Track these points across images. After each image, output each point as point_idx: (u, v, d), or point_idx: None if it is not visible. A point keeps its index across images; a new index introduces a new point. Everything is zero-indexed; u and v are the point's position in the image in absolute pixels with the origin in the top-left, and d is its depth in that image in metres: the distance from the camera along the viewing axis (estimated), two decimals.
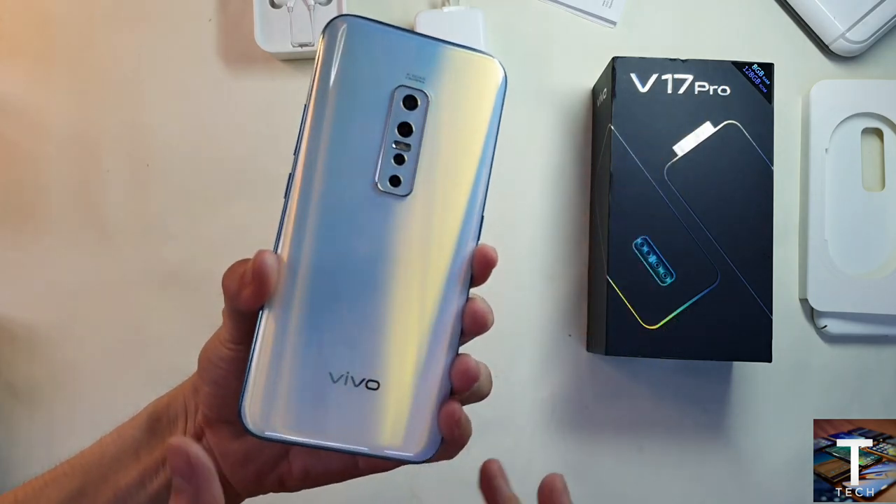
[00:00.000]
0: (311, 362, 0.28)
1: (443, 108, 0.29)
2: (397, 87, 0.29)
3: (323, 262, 0.28)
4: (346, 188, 0.29)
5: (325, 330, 0.28)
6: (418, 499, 0.59)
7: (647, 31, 0.61)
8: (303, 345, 0.28)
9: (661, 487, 0.59)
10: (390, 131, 0.29)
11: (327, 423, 0.28)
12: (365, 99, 0.29)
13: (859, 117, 0.60)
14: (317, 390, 0.28)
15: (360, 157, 0.29)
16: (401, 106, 0.29)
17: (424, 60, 0.29)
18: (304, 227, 0.28)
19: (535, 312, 0.60)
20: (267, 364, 0.27)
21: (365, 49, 0.29)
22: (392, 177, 0.29)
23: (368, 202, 0.29)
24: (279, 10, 0.59)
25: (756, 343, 0.52)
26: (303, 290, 0.28)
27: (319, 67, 0.29)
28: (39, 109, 0.61)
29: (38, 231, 0.61)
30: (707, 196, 0.53)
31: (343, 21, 0.29)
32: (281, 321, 0.28)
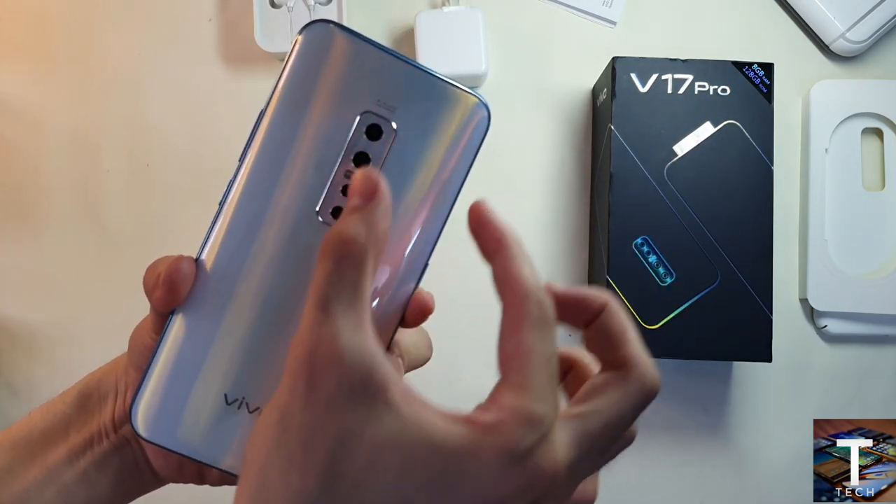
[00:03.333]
0: (209, 380, 0.27)
1: (409, 144, 0.27)
2: (363, 113, 0.26)
3: (243, 282, 0.27)
4: (285, 210, 0.26)
5: (229, 350, 0.27)
6: None
7: (647, 31, 0.61)
8: (204, 360, 0.27)
9: (661, 487, 0.59)
10: (345, 159, 0.26)
11: (212, 441, 0.27)
12: (327, 117, 0.26)
13: (859, 117, 0.60)
14: (209, 409, 0.27)
15: (307, 181, 0.26)
16: (362, 134, 0.26)
17: (400, 88, 0.26)
18: (232, 241, 0.27)
19: None
20: (166, 370, 0.27)
21: (339, 62, 0.26)
22: (336, 208, 0.26)
23: (305, 230, 0.26)
24: (279, 10, 0.59)
25: (756, 343, 0.52)
26: (215, 306, 0.27)
27: (286, 73, 0.26)
28: (39, 109, 0.61)
29: (38, 231, 0.61)
30: (707, 196, 0.53)
31: (322, 27, 0.26)
32: (188, 331, 0.27)
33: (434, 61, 0.57)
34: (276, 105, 0.26)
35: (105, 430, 0.31)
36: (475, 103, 0.28)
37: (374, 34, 0.61)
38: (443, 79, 0.27)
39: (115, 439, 0.31)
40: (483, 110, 0.28)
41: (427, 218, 0.28)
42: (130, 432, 0.31)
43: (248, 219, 0.27)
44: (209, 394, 0.27)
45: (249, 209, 0.27)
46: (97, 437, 0.31)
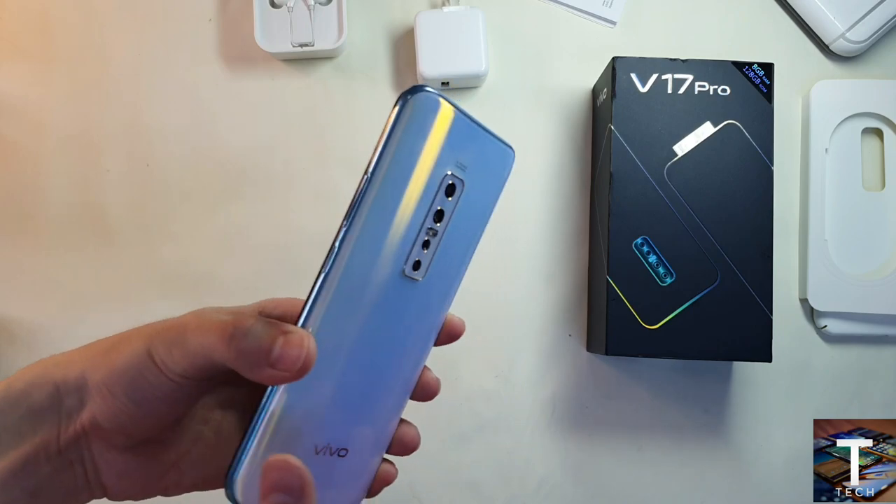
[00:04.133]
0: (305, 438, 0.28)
1: (469, 195, 0.30)
2: (446, 175, 0.29)
3: (341, 344, 0.28)
4: (379, 270, 0.28)
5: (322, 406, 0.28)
6: (418, 499, 0.59)
7: (647, 31, 0.61)
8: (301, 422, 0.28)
9: (661, 487, 0.59)
10: (429, 217, 0.29)
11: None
12: (420, 181, 0.28)
13: (859, 117, 0.60)
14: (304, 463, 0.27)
15: (401, 240, 0.28)
16: (444, 192, 0.29)
17: (470, 148, 0.29)
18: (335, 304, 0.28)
19: (535, 312, 0.60)
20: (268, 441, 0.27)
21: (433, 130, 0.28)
22: (416, 262, 0.29)
23: (392, 286, 0.29)
24: (279, 10, 0.59)
25: (756, 343, 0.52)
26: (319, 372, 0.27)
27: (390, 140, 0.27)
28: (39, 109, 0.61)
29: (38, 231, 0.61)
30: (707, 196, 0.53)
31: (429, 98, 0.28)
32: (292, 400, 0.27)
33: (434, 61, 0.57)
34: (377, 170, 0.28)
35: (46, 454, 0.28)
36: (509, 153, 0.31)
37: (374, 34, 0.61)
38: (493, 135, 0.30)
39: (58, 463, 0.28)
40: (512, 158, 0.31)
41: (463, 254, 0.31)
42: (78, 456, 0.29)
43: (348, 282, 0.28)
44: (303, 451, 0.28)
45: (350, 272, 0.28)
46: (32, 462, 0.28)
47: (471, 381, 0.59)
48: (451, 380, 0.59)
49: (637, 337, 0.53)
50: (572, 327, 0.60)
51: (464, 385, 0.59)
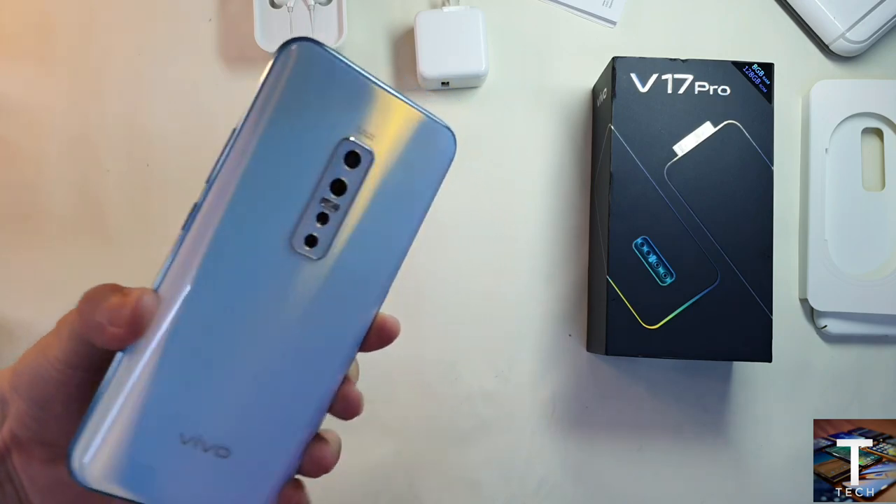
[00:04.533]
0: (164, 420, 0.25)
1: (384, 171, 0.27)
2: (344, 140, 0.26)
3: (205, 313, 0.25)
4: (255, 238, 0.25)
5: (186, 386, 0.25)
6: (418, 499, 0.59)
7: (647, 31, 0.61)
8: (159, 399, 0.25)
9: (661, 487, 0.59)
10: (323, 186, 0.26)
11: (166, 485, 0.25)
12: (305, 143, 0.25)
13: (859, 117, 0.60)
14: (163, 450, 0.25)
15: (281, 207, 0.26)
16: (342, 160, 0.26)
17: (381, 116, 0.26)
18: (196, 269, 0.25)
19: (535, 312, 0.60)
20: (114, 413, 0.24)
21: (321, 86, 0.25)
22: (309, 236, 0.26)
23: (276, 259, 0.26)
24: (279, 10, 0.59)
25: (756, 343, 0.52)
26: (175, 340, 0.25)
27: (264, 92, 0.25)
28: (39, 109, 0.61)
29: (38, 231, 0.60)
30: (707, 196, 0.53)
31: (306, 47, 0.25)
32: (141, 370, 0.25)
33: (434, 61, 0.57)
34: (250, 125, 0.25)
35: None
36: (446, 135, 0.28)
37: (374, 34, 0.61)
38: (420, 109, 0.27)
39: None
40: (451, 141, 0.28)
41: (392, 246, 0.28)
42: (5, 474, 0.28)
43: (214, 247, 0.25)
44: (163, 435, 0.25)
45: (216, 237, 0.25)
46: None
47: (471, 381, 0.59)
48: (451, 380, 0.59)
49: (637, 337, 0.53)
50: (572, 327, 0.60)
51: (464, 385, 0.59)
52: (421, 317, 0.59)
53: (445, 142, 0.28)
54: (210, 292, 0.25)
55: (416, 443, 0.59)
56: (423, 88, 0.60)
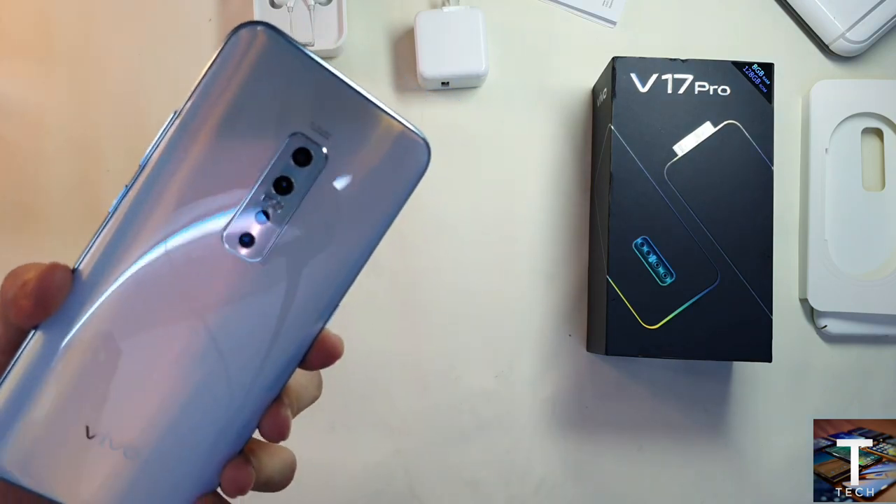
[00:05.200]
0: (70, 409, 0.24)
1: (340, 175, 0.24)
2: (293, 134, 0.24)
3: (124, 303, 0.24)
4: (185, 230, 0.23)
5: (97, 378, 0.24)
6: (418, 499, 0.59)
7: (647, 31, 0.61)
8: (68, 389, 0.23)
9: (661, 487, 0.59)
10: (265, 183, 0.24)
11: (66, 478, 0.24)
12: (250, 133, 0.23)
13: (859, 117, 0.60)
14: (66, 442, 0.24)
15: (217, 201, 0.24)
16: (289, 157, 0.24)
17: (339, 113, 0.24)
18: (119, 254, 0.23)
19: (535, 312, 0.60)
20: (19, 397, 0.23)
21: (273, 73, 0.23)
22: (245, 235, 0.24)
23: (206, 255, 0.24)
24: (279, 10, 0.59)
25: (756, 343, 0.52)
26: (89, 326, 0.23)
27: (210, 74, 0.23)
28: (39, 109, 0.61)
29: (38, 231, 0.60)
30: (707, 196, 0.53)
31: (259, 31, 0.23)
32: (52, 353, 0.23)
33: (434, 61, 0.57)
34: (191, 107, 0.23)
35: None
36: (417, 142, 0.25)
37: (374, 34, 0.61)
38: (387, 111, 0.24)
39: None
40: (424, 152, 0.25)
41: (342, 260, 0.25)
42: None
43: (140, 232, 0.23)
44: (68, 425, 0.24)
45: (144, 221, 0.23)
46: None
47: (471, 381, 0.59)
48: (451, 380, 0.59)
49: (637, 337, 0.53)
50: (572, 327, 0.60)
51: (464, 385, 0.59)
52: (421, 317, 0.59)
53: (417, 152, 0.25)
54: (131, 280, 0.24)
55: (416, 443, 0.59)
56: (423, 88, 0.60)
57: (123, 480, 0.24)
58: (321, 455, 0.59)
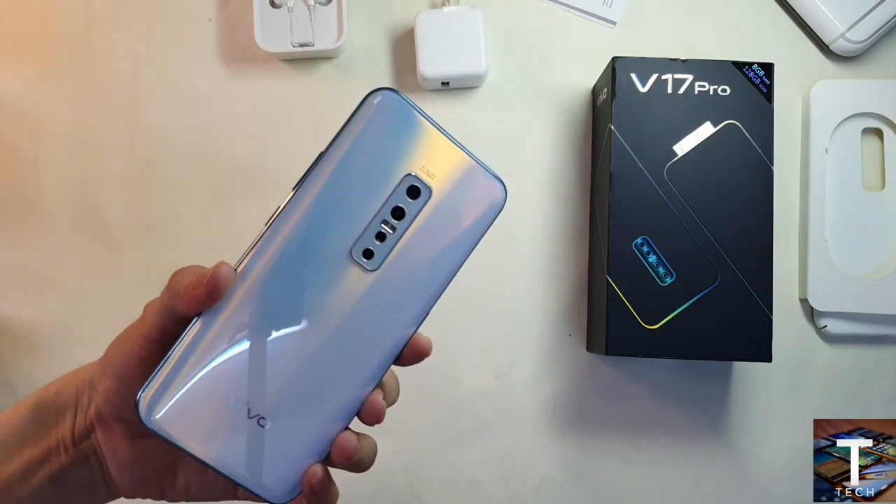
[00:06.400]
0: (221, 382, 0.29)
1: (440, 208, 0.31)
2: (408, 174, 0.31)
3: (271, 298, 0.30)
4: (323, 243, 0.30)
5: (245, 359, 0.29)
6: (418, 499, 0.59)
7: (647, 31, 0.61)
8: (220, 364, 0.29)
9: (661, 487, 0.59)
10: (385, 210, 0.31)
11: (210, 439, 0.29)
12: (376, 171, 0.30)
13: (859, 117, 0.60)
14: (214, 408, 0.29)
15: (349, 221, 0.30)
16: (404, 191, 0.31)
17: (442, 160, 0.31)
18: (269, 259, 0.30)
19: (535, 312, 0.60)
20: (181, 366, 0.29)
21: (395, 127, 0.31)
22: (367, 250, 0.30)
23: (337, 263, 0.30)
24: (279, 10, 0.59)
25: (756, 343, 0.52)
26: (242, 316, 0.30)
27: (349, 127, 0.30)
28: (39, 109, 0.61)
29: (38, 231, 0.61)
30: (707, 196, 0.53)
31: (390, 96, 0.30)
32: (211, 334, 0.29)
33: (434, 61, 0.57)
34: (335, 151, 0.30)
35: (63, 445, 0.31)
36: (499, 188, 0.32)
37: (375, 34, 0.61)
38: (478, 161, 0.32)
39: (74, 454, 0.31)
40: (502, 194, 0.32)
41: (436, 274, 0.31)
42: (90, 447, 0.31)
43: (288, 244, 0.30)
44: (218, 395, 0.29)
45: (290, 234, 0.30)
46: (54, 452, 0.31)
47: (471, 381, 0.59)
48: (451, 380, 0.59)
49: (637, 337, 0.53)
50: (572, 327, 0.60)
51: (464, 385, 0.59)
52: None
53: (497, 191, 0.32)
54: (278, 281, 0.30)
55: (416, 443, 0.59)
56: (423, 88, 0.60)
57: (255, 444, 0.30)
58: None
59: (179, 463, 0.32)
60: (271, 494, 0.30)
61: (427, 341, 0.32)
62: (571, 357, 0.60)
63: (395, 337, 0.31)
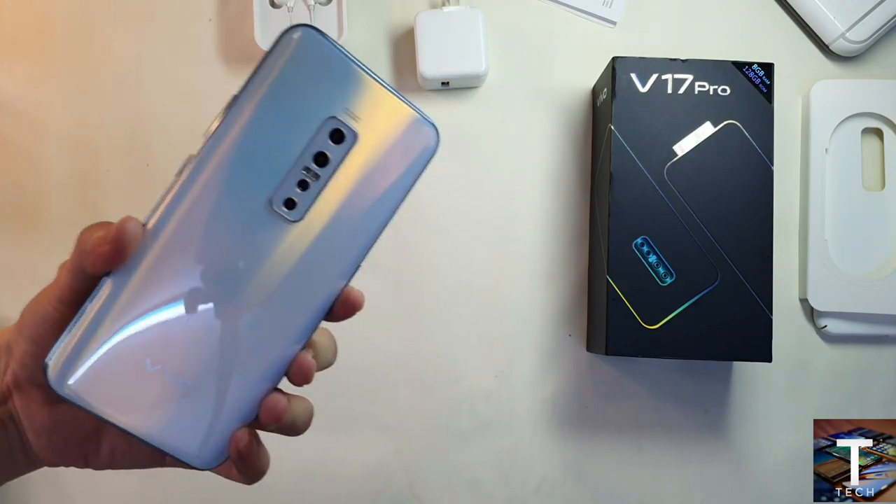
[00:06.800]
0: (135, 344, 0.27)
1: (367, 153, 0.29)
2: (330, 117, 0.28)
3: (185, 253, 0.28)
4: (240, 193, 0.28)
5: (158, 318, 0.28)
6: (418, 499, 0.59)
7: (647, 31, 0.61)
8: (133, 324, 0.27)
9: (661, 487, 0.59)
10: (306, 156, 0.28)
11: (127, 405, 0.28)
12: (295, 115, 0.28)
13: (859, 117, 0.60)
14: (129, 372, 0.27)
15: (266, 169, 0.28)
16: (326, 136, 0.28)
17: (369, 103, 0.29)
18: (181, 211, 0.28)
19: (535, 312, 0.60)
20: (91, 329, 0.27)
21: (316, 67, 0.28)
22: (288, 199, 0.28)
23: (256, 215, 0.28)
24: (279, 10, 0.59)
25: (756, 343, 0.52)
26: (154, 273, 0.28)
27: (265, 66, 0.28)
28: (39, 109, 0.61)
29: (38, 231, 0.61)
30: (707, 196, 0.53)
31: (304, 33, 0.28)
32: (121, 293, 0.27)
33: (434, 61, 0.57)
34: (249, 94, 0.28)
35: None
36: (429, 130, 0.30)
37: (375, 34, 0.61)
38: (408, 103, 0.30)
39: None
40: (434, 138, 0.30)
41: (366, 224, 0.29)
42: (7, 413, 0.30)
43: (201, 195, 0.28)
44: (132, 358, 0.27)
45: (205, 185, 0.28)
46: None
47: (471, 380, 0.59)
48: (451, 380, 0.59)
49: (637, 337, 0.53)
50: (572, 327, 0.60)
51: (464, 385, 0.59)
52: (421, 316, 0.59)
53: (429, 137, 0.30)
54: (192, 236, 0.28)
55: (416, 443, 0.59)
56: (423, 88, 0.60)
57: (177, 409, 0.28)
58: (321, 455, 0.59)
59: (102, 430, 0.31)
60: (197, 460, 0.29)
61: (359, 294, 0.30)
62: (571, 357, 0.60)
63: (323, 291, 0.29)
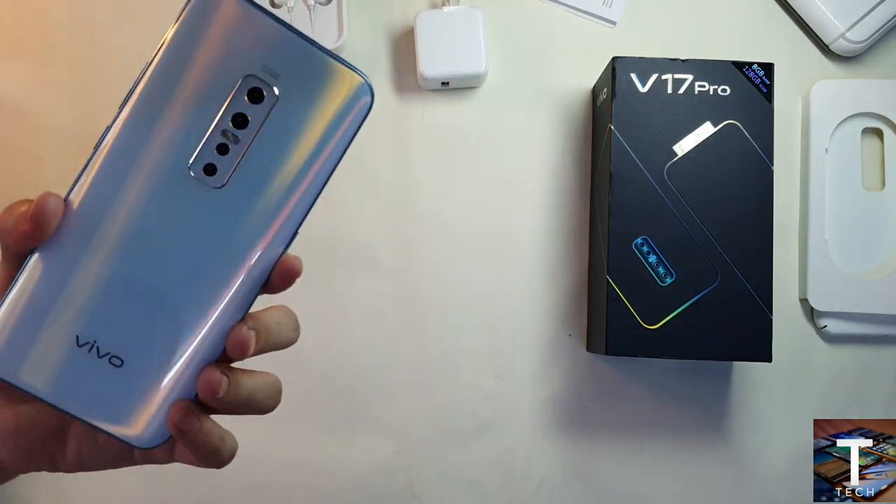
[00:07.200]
0: (62, 320, 0.27)
1: (291, 111, 0.27)
2: (247, 76, 0.27)
3: (108, 227, 0.27)
4: (157, 161, 0.27)
5: (86, 293, 0.27)
6: (418, 499, 0.59)
7: (647, 31, 0.61)
8: (59, 300, 0.27)
9: (661, 487, 0.59)
10: (224, 118, 0.27)
11: (59, 382, 0.27)
12: (210, 75, 0.27)
13: (859, 117, 0.60)
14: (59, 349, 0.27)
15: (184, 135, 0.27)
16: (244, 95, 0.27)
17: (287, 57, 0.27)
18: (101, 185, 0.27)
19: (535, 312, 0.60)
20: (18, 308, 0.27)
21: (228, 24, 0.27)
22: (208, 165, 0.27)
23: (176, 183, 0.27)
24: (279, 10, 0.59)
25: (756, 343, 0.52)
26: (79, 247, 0.27)
27: (175, 29, 0.27)
28: (39, 109, 0.61)
29: None
30: (707, 196, 0.53)
31: None
32: (46, 270, 0.27)
33: (434, 61, 0.57)
34: (161, 58, 0.27)
35: None
36: (360, 84, 0.28)
37: (374, 34, 0.61)
38: (331, 55, 0.27)
39: None
40: (367, 93, 0.28)
41: (297, 187, 0.28)
42: None
43: (120, 165, 0.27)
44: (61, 334, 0.27)
45: (123, 156, 0.27)
46: None
47: (471, 380, 0.59)
48: (451, 379, 0.59)
49: (637, 337, 0.53)
50: (572, 327, 0.60)
51: (464, 385, 0.59)
52: (421, 317, 0.59)
53: (360, 91, 0.28)
54: (115, 208, 0.27)
55: (416, 443, 0.59)
56: (423, 88, 0.60)
57: (108, 385, 0.27)
58: (322, 455, 0.59)
59: (68, 428, 0.30)
60: (137, 439, 0.28)
61: (296, 260, 0.28)
62: (571, 357, 0.60)
63: (255, 260, 0.28)
